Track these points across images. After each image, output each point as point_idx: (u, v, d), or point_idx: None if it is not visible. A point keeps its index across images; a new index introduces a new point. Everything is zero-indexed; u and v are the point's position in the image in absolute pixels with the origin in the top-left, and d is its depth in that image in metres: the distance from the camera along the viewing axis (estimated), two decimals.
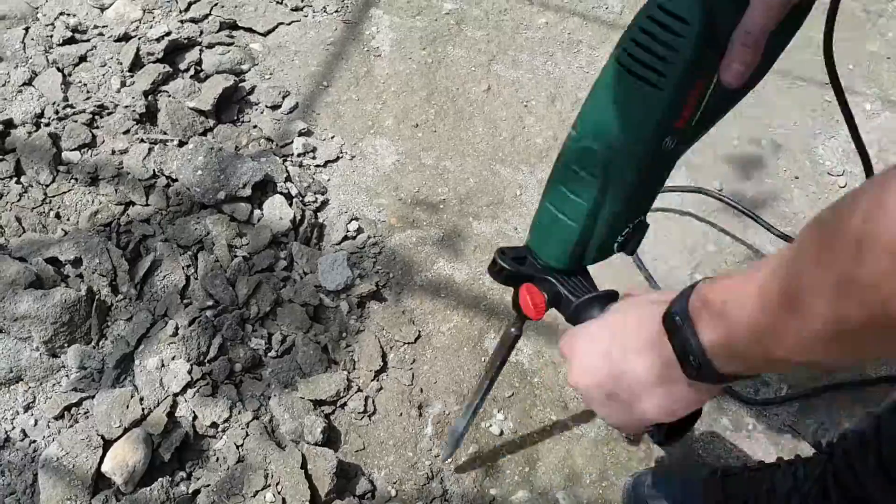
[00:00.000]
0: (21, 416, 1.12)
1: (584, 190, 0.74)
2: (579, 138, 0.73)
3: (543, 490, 1.15)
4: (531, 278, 0.84)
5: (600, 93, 0.71)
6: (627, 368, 0.70)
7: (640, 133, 0.69)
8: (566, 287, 0.82)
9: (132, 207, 1.34)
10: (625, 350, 0.70)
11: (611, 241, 0.79)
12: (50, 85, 1.46)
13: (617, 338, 0.72)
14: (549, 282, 0.83)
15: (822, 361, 0.54)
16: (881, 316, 0.47)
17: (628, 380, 0.70)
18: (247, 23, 1.71)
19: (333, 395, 1.18)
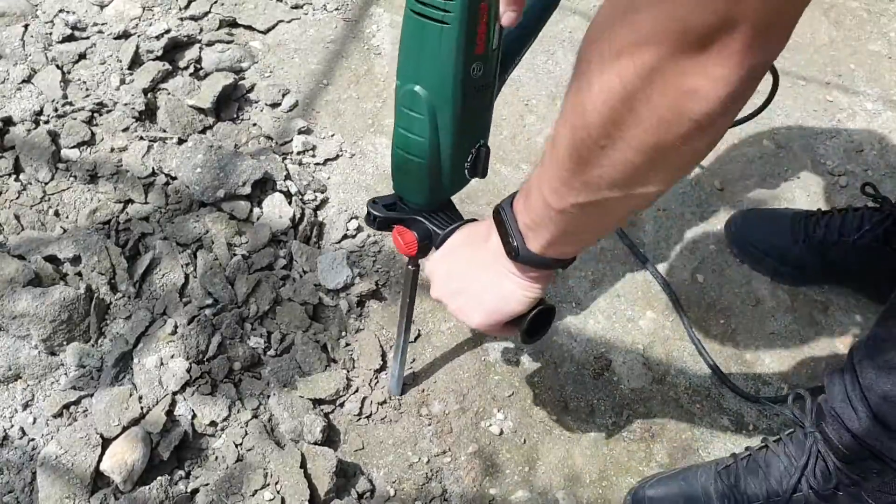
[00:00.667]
0: (20, 414, 1.12)
1: (419, 127, 0.84)
2: (402, 85, 0.83)
3: (543, 490, 1.15)
4: (402, 221, 0.96)
5: (407, 42, 0.81)
6: (472, 267, 0.84)
7: (446, 66, 0.79)
8: (434, 223, 0.94)
9: (131, 205, 1.34)
10: (469, 252, 0.85)
11: (459, 168, 0.90)
12: (49, 82, 1.46)
13: (463, 245, 0.87)
14: (419, 221, 0.95)
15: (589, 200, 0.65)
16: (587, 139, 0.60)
17: (474, 278, 0.84)
18: (247, 20, 1.71)
19: (333, 393, 1.18)
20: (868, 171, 1.57)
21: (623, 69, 0.54)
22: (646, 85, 0.54)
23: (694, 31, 0.50)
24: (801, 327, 1.34)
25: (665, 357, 1.30)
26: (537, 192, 0.71)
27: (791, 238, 1.34)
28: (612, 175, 0.62)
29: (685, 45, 0.51)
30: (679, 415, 1.24)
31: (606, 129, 0.58)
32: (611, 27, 0.55)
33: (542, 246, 0.75)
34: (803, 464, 0.99)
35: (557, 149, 0.65)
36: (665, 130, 0.56)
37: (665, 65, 0.52)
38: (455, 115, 0.83)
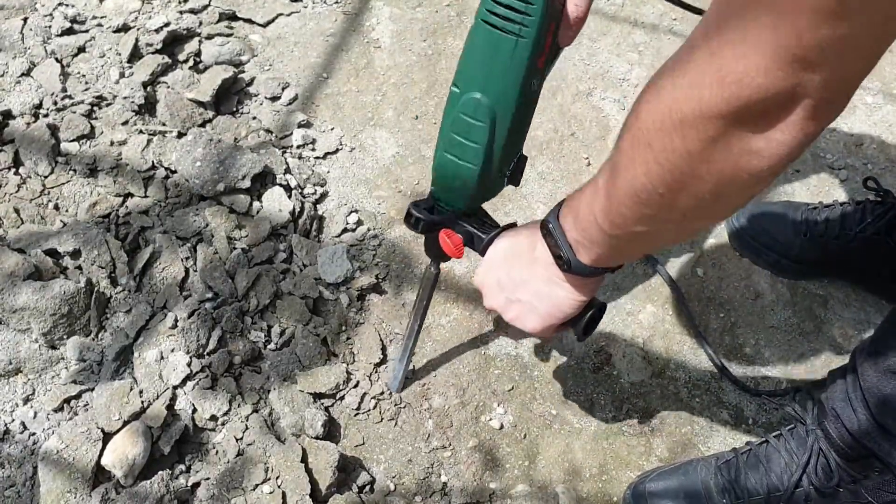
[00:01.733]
0: (20, 408, 1.12)
1: (477, 134, 0.86)
2: (463, 93, 0.85)
3: (543, 484, 1.15)
4: (443, 224, 0.98)
5: (475, 51, 0.83)
6: (523, 277, 0.87)
7: (514, 78, 0.81)
8: (474, 227, 0.96)
9: (131, 199, 1.33)
10: (518, 262, 0.88)
11: (501, 176, 0.92)
12: (48, 76, 1.45)
13: (510, 256, 0.90)
14: (460, 224, 0.97)
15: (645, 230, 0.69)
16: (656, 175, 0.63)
17: (527, 288, 0.88)
18: (246, 14, 1.70)
19: (333, 387, 1.18)
20: (868, 164, 1.57)
21: (687, 135, 0.58)
22: (708, 149, 0.58)
23: (757, 106, 0.53)
24: (800, 321, 1.34)
25: (665, 351, 1.30)
26: (589, 214, 0.75)
27: (792, 231, 1.34)
28: (668, 216, 0.67)
29: (748, 117, 0.54)
30: (679, 409, 1.24)
31: (667, 184, 0.63)
32: (672, 96, 0.59)
33: (594, 259, 0.79)
34: (805, 461, 0.99)
35: (617, 185, 0.68)
36: (723, 184, 0.60)
37: (728, 133, 0.56)
38: (512, 125, 0.85)
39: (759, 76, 0.52)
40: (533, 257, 0.86)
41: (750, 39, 0.51)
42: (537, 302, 0.88)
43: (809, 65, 0.50)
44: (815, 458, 0.99)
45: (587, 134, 1.58)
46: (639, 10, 1.83)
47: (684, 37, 1.82)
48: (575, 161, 1.54)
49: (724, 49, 0.53)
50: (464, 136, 0.87)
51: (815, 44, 0.49)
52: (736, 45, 0.52)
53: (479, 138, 0.86)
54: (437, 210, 0.98)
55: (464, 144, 0.87)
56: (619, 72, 1.70)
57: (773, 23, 0.49)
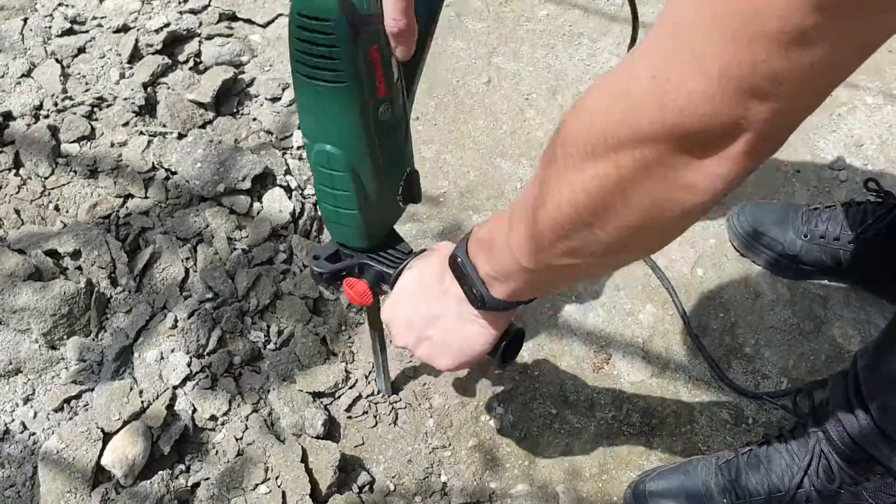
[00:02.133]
0: (20, 408, 1.12)
1: (341, 183, 0.81)
2: (311, 146, 0.80)
3: (543, 483, 1.15)
4: (350, 270, 0.92)
5: (302, 104, 0.78)
6: (432, 313, 0.82)
7: (352, 123, 0.76)
8: (384, 262, 0.90)
9: (131, 200, 1.34)
10: (426, 297, 0.83)
11: (392, 203, 0.87)
12: (49, 76, 1.45)
13: (418, 290, 0.84)
14: (367, 264, 0.90)
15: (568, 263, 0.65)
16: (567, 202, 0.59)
17: (437, 325, 0.83)
18: (246, 14, 1.71)
19: (332, 386, 1.18)
20: (868, 165, 1.57)
21: (620, 160, 0.54)
22: (642, 176, 0.53)
23: (696, 136, 0.49)
24: (800, 321, 1.34)
25: (665, 351, 1.30)
26: (504, 248, 0.70)
27: (792, 232, 1.34)
28: (593, 248, 0.62)
29: (685, 146, 0.50)
30: (679, 408, 1.24)
31: (595, 211, 0.58)
32: (608, 118, 0.54)
33: (509, 294, 0.75)
34: (806, 463, 0.99)
35: (538, 216, 0.63)
36: (654, 216, 0.56)
37: (663, 161, 0.52)
38: (374, 162, 0.80)
39: (704, 104, 0.47)
40: (441, 290, 0.81)
41: (698, 62, 0.46)
42: (449, 339, 0.83)
43: (760, 96, 0.46)
44: (816, 460, 0.99)
45: None
46: (639, 9, 1.83)
47: None
48: None
49: (668, 69, 0.48)
50: (329, 186, 0.82)
51: (771, 74, 0.45)
52: (682, 67, 0.47)
53: (345, 186, 0.81)
54: (341, 255, 0.92)
55: (335, 194, 0.83)
56: None
57: (726, 47, 0.45)
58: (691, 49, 0.47)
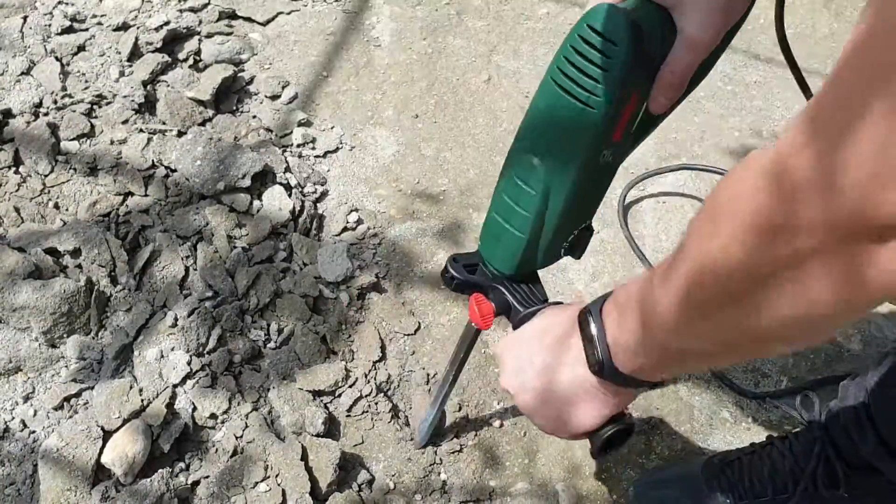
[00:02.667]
0: (20, 406, 1.12)
1: (528, 202, 0.77)
2: (520, 150, 0.76)
3: (543, 482, 1.15)
4: (481, 287, 0.86)
5: (538, 109, 0.73)
6: (546, 365, 0.74)
7: (577, 149, 0.71)
8: (516, 296, 0.84)
9: (131, 198, 1.33)
10: (546, 348, 0.75)
11: (557, 247, 0.81)
12: (48, 74, 1.45)
13: (540, 338, 0.77)
14: (499, 290, 0.85)
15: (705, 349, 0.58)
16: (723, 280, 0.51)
17: (547, 379, 0.74)
18: (246, 12, 1.71)
19: (332, 384, 1.18)
20: None
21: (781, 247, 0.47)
22: (806, 267, 0.46)
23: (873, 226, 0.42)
24: None
25: None
26: (639, 315, 0.63)
27: None
28: (729, 335, 0.55)
29: (862, 237, 0.43)
30: (679, 407, 1.24)
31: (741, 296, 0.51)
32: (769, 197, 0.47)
33: (634, 368, 0.67)
34: (812, 468, 0.98)
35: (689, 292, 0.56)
36: (811, 311, 0.49)
37: (834, 251, 0.45)
38: (569, 198, 0.75)
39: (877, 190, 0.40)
40: (564, 346, 0.73)
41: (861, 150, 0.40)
42: (553, 401, 0.75)
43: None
44: (822, 465, 0.98)
45: None
46: None
47: None
48: None
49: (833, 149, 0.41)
50: (514, 200, 0.77)
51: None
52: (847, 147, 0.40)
53: (529, 207, 0.76)
54: (479, 270, 0.87)
55: (513, 209, 0.78)
56: None
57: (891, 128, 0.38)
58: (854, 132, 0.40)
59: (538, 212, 0.76)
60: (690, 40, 0.69)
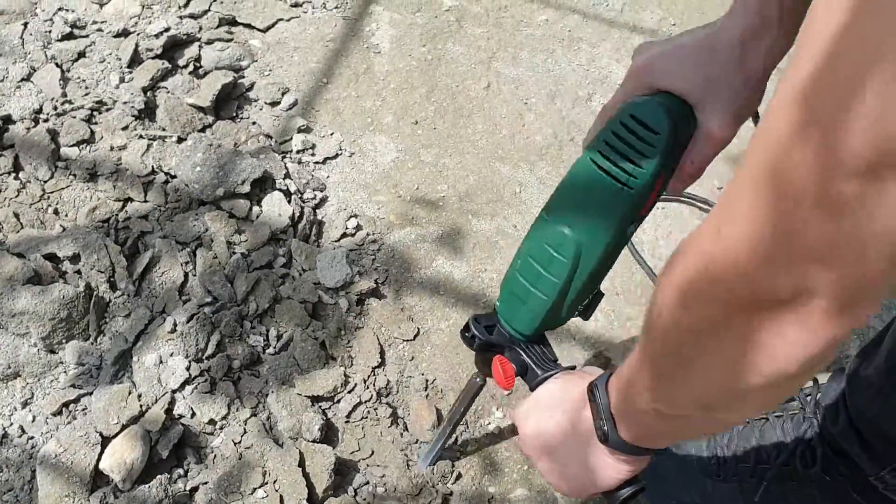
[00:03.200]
0: (19, 412, 1.12)
1: (557, 268, 0.82)
2: (553, 223, 0.82)
3: (542, 488, 1.15)
4: (500, 348, 0.91)
5: (576, 187, 0.80)
6: (563, 431, 0.79)
7: (610, 224, 0.78)
8: (531, 357, 0.89)
9: (130, 204, 1.34)
10: (563, 415, 0.79)
11: (573, 310, 0.87)
12: (48, 80, 1.46)
13: (557, 404, 0.81)
14: (516, 351, 0.90)
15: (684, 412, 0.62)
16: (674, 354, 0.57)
17: (563, 445, 0.79)
18: (246, 19, 1.71)
19: (330, 390, 1.18)
20: None
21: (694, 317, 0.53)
22: (718, 334, 0.51)
23: (767, 299, 0.46)
24: None
25: None
26: (627, 383, 0.68)
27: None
28: (683, 399, 0.60)
29: (759, 309, 0.47)
30: None
31: (678, 361, 0.57)
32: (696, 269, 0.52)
33: (633, 436, 0.71)
34: (794, 445, 1.01)
35: (643, 353, 0.63)
36: (736, 377, 0.53)
37: (739, 321, 0.49)
38: (597, 267, 0.82)
39: (765, 267, 0.45)
40: (579, 415, 0.77)
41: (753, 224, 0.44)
42: (571, 464, 0.79)
43: (820, 261, 0.43)
44: (804, 445, 1.01)
45: None
46: (638, 15, 1.83)
47: None
48: None
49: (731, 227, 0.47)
50: (543, 266, 0.83)
51: (825, 240, 0.41)
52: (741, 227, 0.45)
53: (559, 273, 0.82)
54: (497, 330, 0.91)
55: (541, 274, 0.83)
56: (619, 77, 1.70)
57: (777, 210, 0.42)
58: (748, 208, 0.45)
59: (566, 279, 0.82)
60: (712, 136, 0.77)
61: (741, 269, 0.46)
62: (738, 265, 0.47)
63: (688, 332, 0.54)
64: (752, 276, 0.46)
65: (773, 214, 0.43)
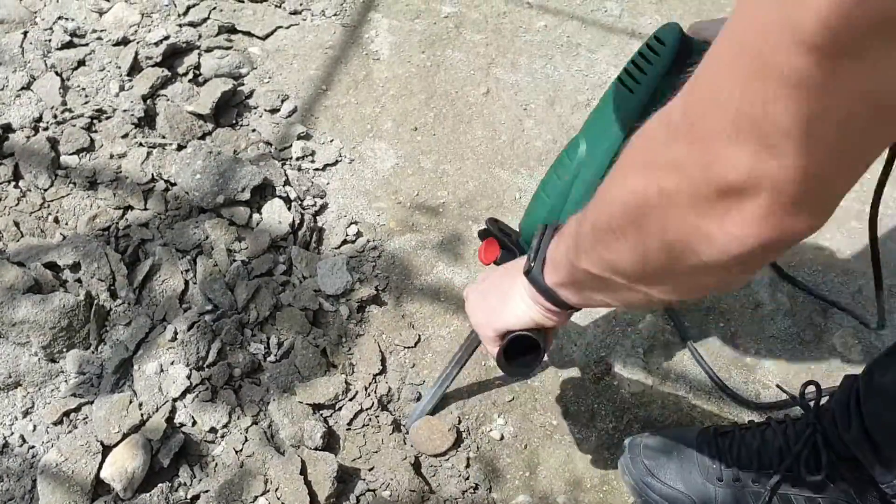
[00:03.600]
0: (20, 421, 1.12)
1: (562, 169, 0.92)
2: (575, 138, 0.92)
3: (544, 494, 1.15)
4: (502, 244, 1.01)
5: (599, 101, 0.90)
6: (501, 276, 0.87)
7: (612, 126, 0.86)
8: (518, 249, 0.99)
9: (131, 212, 1.34)
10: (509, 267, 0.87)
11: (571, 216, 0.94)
12: (48, 89, 1.46)
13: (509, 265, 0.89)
14: (513, 252, 0.99)
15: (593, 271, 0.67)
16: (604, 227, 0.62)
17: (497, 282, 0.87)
18: (245, 27, 1.71)
19: (331, 398, 1.17)
20: None
21: (651, 182, 0.54)
22: (666, 204, 0.53)
23: (717, 182, 0.48)
24: (800, 330, 1.34)
25: (665, 360, 1.30)
26: (564, 236, 0.74)
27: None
28: (618, 264, 0.63)
29: (708, 190, 0.49)
30: (680, 418, 1.24)
31: (622, 223, 0.59)
32: (653, 140, 0.55)
33: (553, 282, 0.77)
34: (798, 450, 1.01)
35: (586, 215, 0.67)
36: (672, 254, 0.55)
37: (688, 198, 0.51)
38: (596, 169, 0.89)
39: (725, 146, 0.46)
40: (522, 261, 0.84)
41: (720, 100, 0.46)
42: (493, 295, 0.86)
43: (770, 148, 0.44)
44: (808, 450, 1.01)
45: None
46: (636, 20, 1.84)
47: None
48: None
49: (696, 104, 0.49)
50: (555, 171, 0.93)
51: (777, 122, 0.43)
52: (707, 103, 0.48)
53: (562, 173, 0.91)
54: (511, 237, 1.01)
55: (551, 179, 0.93)
56: None
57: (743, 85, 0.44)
58: (715, 85, 0.46)
59: (571, 177, 0.90)
60: None
61: (702, 142, 0.48)
62: (700, 138, 0.48)
63: (634, 201, 0.57)
64: (711, 150, 0.47)
65: (743, 90, 0.44)
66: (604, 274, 0.66)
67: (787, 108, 0.43)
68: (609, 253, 0.63)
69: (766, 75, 0.43)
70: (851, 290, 1.38)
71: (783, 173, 0.45)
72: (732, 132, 0.46)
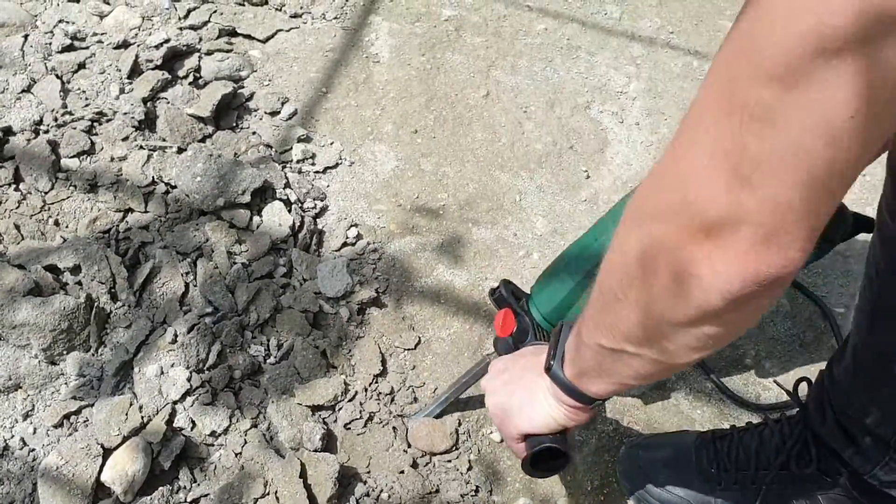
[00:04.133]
0: (20, 424, 1.11)
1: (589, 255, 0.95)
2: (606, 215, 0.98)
3: (545, 497, 1.15)
4: (516, 313, 1.03)
5: None
6: (522, 371, 0.85)
7: None
8: (535, 337, 1.00)
9: (131, 214, 1.34)
10: (529, 359, 0.86)
11: None
12: (49, 92, 1.46)
13: (528, 354, 0.89)
14: (526, 321, 1.01)
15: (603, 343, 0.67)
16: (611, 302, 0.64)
17: (519, 378, 0.85)
18: (246, 30, 1.71)
19: (331, 399, 1.17)
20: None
21: (644, 233, 0.55)
22: (658, 251, 0.54)
23: (700, 218, 0.50)
24: (800, 332, 1.34)
25: None
26: (581, 321, 0.73)
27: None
28: (624, 327, 0.63)
29: (692, 229, 0.50)
30: (680, 420, 1.24)
31: (622, 284, 0.60)
32: (643, 194, 0.57)
33: (573, 374, 0.76)
34: (790, 446, 1.02)
35: (596, 284, 0.67)
36: (669, 305, 0.56)
37: (675, 240, 0.52)
38: None
39: (705, 183, 0.48)
40: (543, 354, 0.83)
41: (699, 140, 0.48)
42: (515, 396, 0.84)
43: (745, 181, 0.46)
44: (799, 444, 1.02)
45: (586, 147, 1.59)
46: (636, 23, 1.84)
47: (681, 49, 1.83)
48: (574, 174, 1.54)
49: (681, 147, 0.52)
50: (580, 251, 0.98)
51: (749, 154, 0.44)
52: (689, 144, 0.49)
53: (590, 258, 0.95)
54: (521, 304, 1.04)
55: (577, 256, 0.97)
56: (617, 85, 1.70)
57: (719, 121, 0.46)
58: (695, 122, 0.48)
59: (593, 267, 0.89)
60: None
61: (684, 181, 0.50)
62: (683, 177, 0.50)
63: (631, 257, 0.57)
64: (692, 187, 0.49)
65: (719, 125, 0.46)
66: (615, 345, 0.66)
67: (755, 140, 0.44)
68: (615, 317, 0.64)
69: (733, 108, 0.44)
70: (851, 292, 1.38)
71: (759, 205, 0.46)
72: (710, 166, 0.47)
